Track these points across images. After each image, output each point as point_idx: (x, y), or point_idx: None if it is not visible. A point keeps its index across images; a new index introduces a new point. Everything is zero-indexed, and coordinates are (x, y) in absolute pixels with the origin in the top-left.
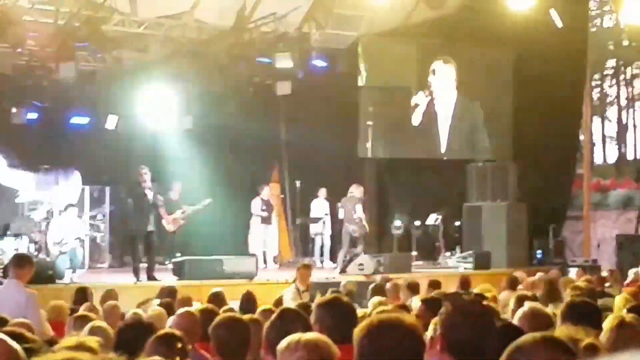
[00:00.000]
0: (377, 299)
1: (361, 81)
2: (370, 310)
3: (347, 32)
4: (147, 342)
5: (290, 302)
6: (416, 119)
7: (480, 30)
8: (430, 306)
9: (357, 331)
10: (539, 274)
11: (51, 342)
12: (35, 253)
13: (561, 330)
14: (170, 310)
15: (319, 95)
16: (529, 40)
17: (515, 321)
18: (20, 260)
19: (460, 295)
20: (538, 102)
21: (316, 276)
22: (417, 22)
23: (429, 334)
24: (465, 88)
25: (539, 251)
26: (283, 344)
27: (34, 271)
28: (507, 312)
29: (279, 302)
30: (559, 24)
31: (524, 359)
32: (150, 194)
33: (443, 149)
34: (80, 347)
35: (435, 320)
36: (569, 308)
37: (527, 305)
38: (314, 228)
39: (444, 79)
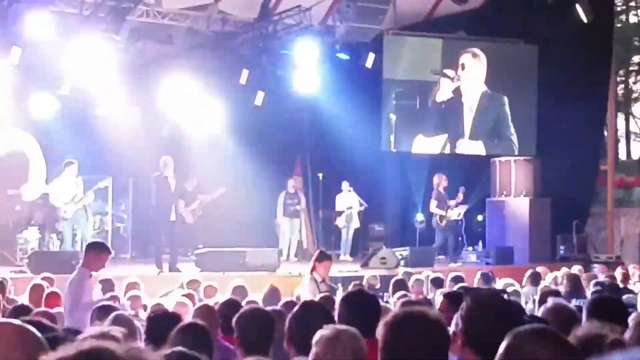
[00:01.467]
0: (399, 293)
1: (385, 74)
2: (393, 303)
3: (371, 25)
4: (171, 333)
5: (309, 294)
6: (440, 97)
7: (505, 25)
8: (453, 300)
9: (382, 325)
10: (562, 270)
11: (75, 332)
12: (59, 243)
13: (586, 327)
14: (193, 301)
15: (343, 88)
16: (553, 36)
17: (539, 316)
18: (86, 247)
19: (482, 290)
20: (562, 97)
21: (338, 269)
22: (441, 16)
23: (451, 328)
24: (490, 82)
25: (562, 247)
26: (317, 336)
27: (60, 260)
28: (529, 307)
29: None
30: (585, 19)
31: (522, 350)
32: (173, 184)
33: (467, 144)
34: (105, 337)
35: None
36: (594, 304)
37: (551, 300)
38: (339, 222)
39: (472, 72)
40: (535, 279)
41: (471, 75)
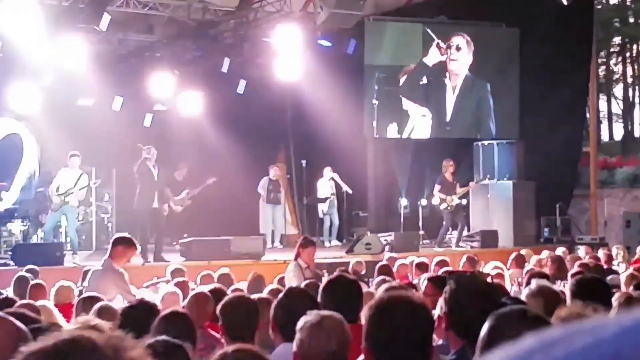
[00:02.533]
0: (380, 277)
1: (366, 60)
2: (374, 288)
3: (352, 11)
4: (154, 322)
5: (293, 280)
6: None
7: (485, 9)
8: (438, 284)
9: (366, 309)
10: (546, 252)
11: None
12: (61, 233)
13: (570, 307)
14: (184, 290)
15: (325, 75)
16: (534, 18)
17: (522, 298)
18: (115, 240)
19: (465, 274)
20: (544, 80)
21: (323, 256)
22: (422, 1)
23: (436, 312)
24: (472, 67)
25: (546, 229)
26: (301, 322)
27: (44, 252)
28: (514, 290)
29: (281, 280)
30: (564, 1)
31: (503, 329)
32: (155, 173)
33: (449, 127)
34: (89, 327)
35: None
36: (578, 285)
37: (535, 282)
38: (321, 207)
39: (462, 57)
40: (520, 261)
41: (462, 60)
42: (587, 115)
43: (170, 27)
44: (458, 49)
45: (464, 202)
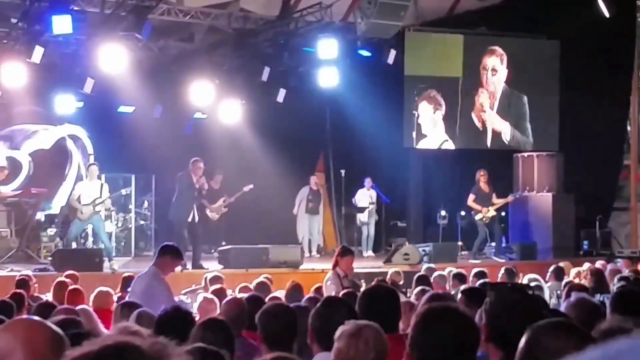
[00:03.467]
0: (420, 287)
1: (406, 71)
2: (414, 298)
3: (392, 21)
4: (192, 329)
5: (331, 289)
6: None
7: (526, 20)
8: (471, 296)
9: (413, 318)
10: (586, 265)
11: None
12: (82, 241)
13: (610, 321)
14: (220, 297)
15: (364, 84)
16: (575, 31)
17: (562, 311)
18: (162, 249)
19: (505, 285)
20: (585, 92)
21: (361, 266)
22: (462, 12)
23: None
24: (510, 79)
25: (585, 242)
26: (339, 332)
27: (83, 258)
28: (553, 302)
29: (319, 289)
30: (606, 14)
31: (541, 345)
32: (197, 186)
33: (489, 140)
34: (129, 333)
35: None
36: (618, 298)
37: (575, 295)
38: (360, 218)
39: (500, 74)
40: (559, 274)
41: (499, 77)
42: (628, 128)
43: (211, 35)
44: (494, 71)
45: (502, 213)
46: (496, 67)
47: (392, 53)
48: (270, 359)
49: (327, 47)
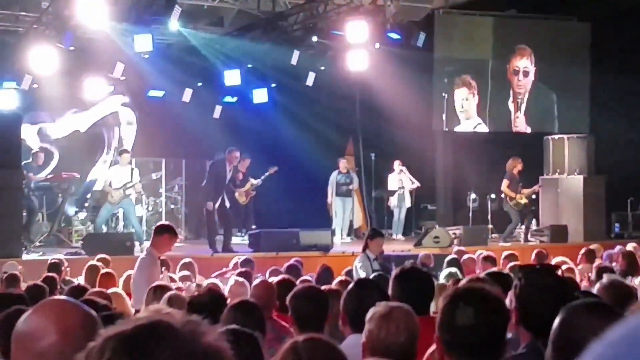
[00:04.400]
0: (448, 270)
1: (436, 53)
2: (444, 280)
3: (422, 4)
4: (224, 311)
5: (361, 271)
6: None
7: (557, 2)
8: (495, 280)
9: (442, 300)
10: (617, 247)
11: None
12: (113, 225)
13: None
14: (250, 280)
15: (394, 67)
16: (606, 12)
17: (594, 293)
18: (158, 229)
19: (534, 268)
20: (615, 74)
21: (392, 249)
22: None
23: None
24: (541, 61)
25: (616, 225)
26: (370, 313)
27: (114, 242)
28: (584, 285)
29: (349, 272)
30: None
31: (574, 326)
32: (229, 175)
33: (520, 122)
34: (161, 314)
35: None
36: None
37: (606, 277)
38: (391, 201)
39: (530, 76)
40: (590, 256)
41: (530, 78)
42: None
43: (240, 19)
44: (526, 74)
45: (533, 197)
46: (528, 69)
47: (422, 36)
48: (303, 339)
49: (357, 30)
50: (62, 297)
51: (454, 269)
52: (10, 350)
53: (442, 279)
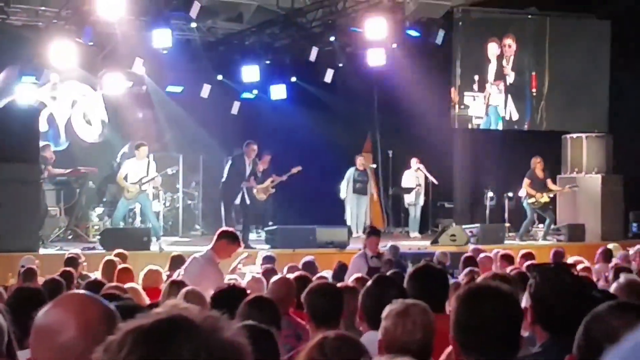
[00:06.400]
0: (468, 269)
1: (455, 51)
2: (462, 280)
3: (441, 1)
4: (239, 307)
5: (354, 269)
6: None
7: (577, 0)
8: (519, 279)
9: (455, 299)
10: (635, 247)
11: (152, 307)
12: (130, 220)
13: None
14: (268, 277)
15: (412, 64)
16: (626, 11)
17: (612, 292)
18: (221, 234)
19: (549, 266)
20: (635, 73)
21: (408, 246)
22: None
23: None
24: (559, 59)
25: (634, 224)
26: (387, 310)
27: (131, 237)
28: (601, 284)
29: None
30: None
31: (600, 326)
32: (249, 169)
33: (537, 120)
34: (180, 309)
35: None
36: None
37: (623, 276)
38: (407, 198)
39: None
40: (607, 256)
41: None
42: None
43: (259, 15)
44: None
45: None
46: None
47: (441, 33)
48: (332, 337)
49: (375, 27)
50: (81, 291)
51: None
52: (26, 339)
53: (461, 278)
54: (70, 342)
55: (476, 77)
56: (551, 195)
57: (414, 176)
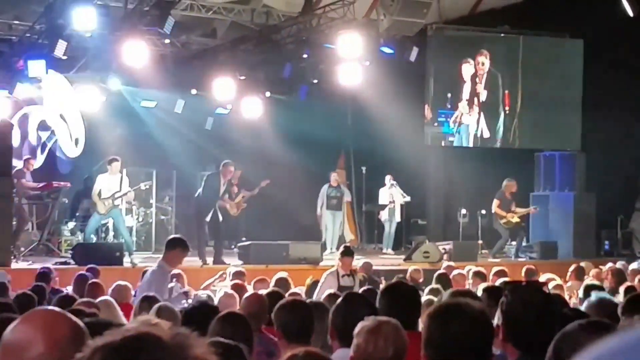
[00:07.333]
0: (436, 286)
1: (428, 68)
2: (426, 296)
3: (415, 19)
4: (212, 322)
5: (325, 287)
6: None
7: (549, 19)
8: (493, 295)
9: (426, 316)
10: (607, 265)
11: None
12: (103, 235)
13: (629, 322)
14: (240, 292)
15: (386, 82)
16: (599, 30)
17: (583, 310)
18: (170, 243)
19: (520, 284)
20: (608, 92)
21: (381, 263)
22: (485, 11)
23: (494, 322)
24: (532, 77)
25: (606, 242)
26: (359, 328)
27: (104, 252)
28: (573, 302)
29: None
30: (630, 12)
31: (570, 345)
32: (223, 189)
33: (511, 138)
34: (150, 325)
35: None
36: (630, 301)
37: (595, 295)
38: (382, 215)
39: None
40: (580, 274)
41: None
42: None
43: (234, 31)
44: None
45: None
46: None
47: (415, 51)
48: (302, 353)
49: (349, 44)
50: (50, 307)
51: (436, 286)
52: None
53: (425, 297)
54: (38, 359)
55: (449, 95)
56: (520, 215)
57: (389, 193)
